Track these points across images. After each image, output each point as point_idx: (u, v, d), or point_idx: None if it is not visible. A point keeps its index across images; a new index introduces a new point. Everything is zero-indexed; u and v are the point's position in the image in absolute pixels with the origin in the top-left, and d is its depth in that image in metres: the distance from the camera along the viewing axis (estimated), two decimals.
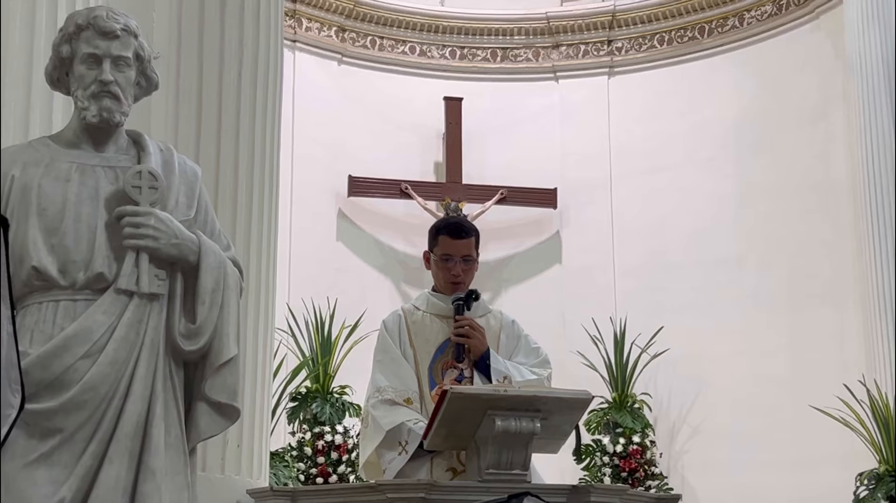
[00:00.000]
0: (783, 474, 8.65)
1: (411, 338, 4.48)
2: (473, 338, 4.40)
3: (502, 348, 4.54)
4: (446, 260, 4.52)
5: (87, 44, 3.15)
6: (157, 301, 3.08)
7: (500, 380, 4.30)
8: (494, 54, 10.52)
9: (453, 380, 4.37)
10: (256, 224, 4.35)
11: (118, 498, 2.95)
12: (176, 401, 3.10)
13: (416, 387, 4.39)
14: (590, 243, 9.96)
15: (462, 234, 4.55)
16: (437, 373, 4.43)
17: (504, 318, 4.66)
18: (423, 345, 4.47)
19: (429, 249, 4.61)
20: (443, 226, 4.66)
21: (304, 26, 9.97)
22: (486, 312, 4.64)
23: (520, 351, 4.58)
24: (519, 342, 4.61)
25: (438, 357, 4.47)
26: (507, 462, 3.87)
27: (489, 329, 4.53)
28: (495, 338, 4.54)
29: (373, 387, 4.41)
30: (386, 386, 4.36)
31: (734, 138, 9.68)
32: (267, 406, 4.44)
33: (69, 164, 3.15)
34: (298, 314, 8.33)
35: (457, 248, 4.52)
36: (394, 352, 4.46)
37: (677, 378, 9.31)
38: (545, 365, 4.58)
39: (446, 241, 4.53)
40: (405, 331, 4.50)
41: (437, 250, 4.56)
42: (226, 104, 4.28)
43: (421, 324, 4.51)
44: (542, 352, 4.62)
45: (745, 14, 9.80)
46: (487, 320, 4.59)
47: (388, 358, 4.46)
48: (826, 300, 8.86)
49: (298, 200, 9.48)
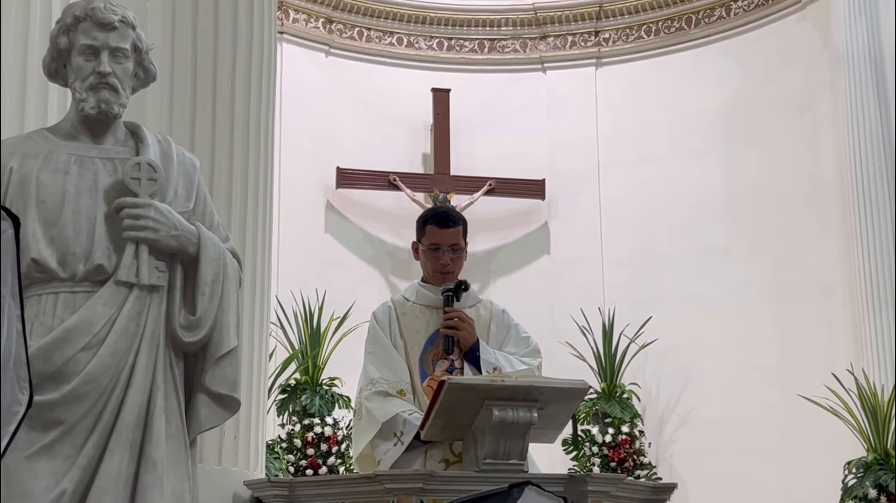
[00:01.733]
0: (772, 463, 8.69)
1: (402, 329, 4.48)
2: (463, 330, 4.40)
3: (492, 338, 4.54)
4: (435, 249, 4.52)
5: (85, 35, 3.14)
6: (157, 292, 3.08)
7: (489, 371, 4.30)
8: (482, 45, 10.51)
9: (444, 371, 4.37)
10: (252, 215, 4.34)
11: (119, 489, 2.96)
12: (176, 393, 3.10)
13: (409, 378, 4.39)
14: (578, 234, 9.98)
15: (450, 223, 4.55)
16: (428, 365, 4.43)
17: (494, 308, 4.67)
18: (414, 336, 4.47)
19: (417, 240, 4.61)
20: (430, 215, 4.65)
21: (292, 18, 9.94)
22: (475, 302, 4.64)
23: (510, 340, 4.58)
24: (509, 331, 4.61)
25: (429, 348, 4.46)
26: (504, 452, 3.88)
27: (479, 319, 4.53)
28: (485, 328, 4.54)
29: (365, 378, 4.41)
30: (379, 377, 4.36)
31: (722, 129, 9.70)
32: (263, 397, 4.44)
33: (68, 155, 3.14)
34: (287, 306, 8.31)
35: (445, 237, 4.52)
36: (385, 343, 4.45)
37: (666, 368, 9.35)
38: (535, 354, 4.58)
39: (434, 230, 4.53)
40: (395, 322, 4.49)
41: (424, 240, 4.56)
42: (220, 95, 4.27)
43: (411, 315, 4.51)
44: (532, 342, 4.63)
45: (731, 5, 9.82)
46: (477, 310, 4.59)
47: (380, 349, 4.45)
48: (814, 289, 8.89)
49: (286, 192, 9.44)
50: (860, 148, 8.39)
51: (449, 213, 4.71)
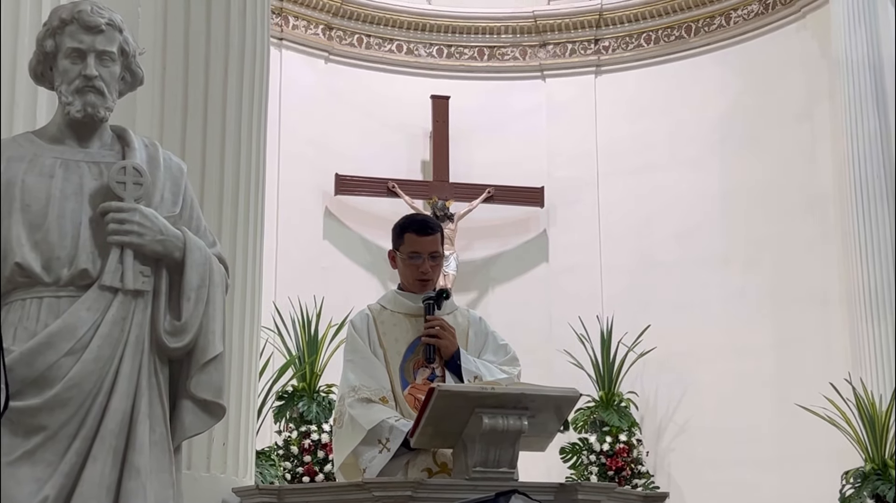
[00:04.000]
0: (769, 472, 8.66)
1: (381, 337, 4.43)
2: (444, 339, 4.36)
3: (471, 346, 4.51)
4: (413, 258, 4.49)
5: (72, 38, 3.12)
6: (141, 298, 3.05)
7: (471, 380, 4.27)
8: (482, 53, 10.51)
9: (425, 380, 4.34)
10: (242, 221, 4.32)
11: (102, 496, 2.92)
12: (161, 399, 3.07)
13: (390, 386, 4.36)
14: (576, 242, 9.97)
15: (429, 230, 4.51)
16: (409, 373, 4.39)
17: (471, 316, 4.63)
18: (393, 344, 4.43)
19: (394, 248, 4.58)
20: (408, 223, 4.61)
21: (291, 24, 9.95)
22: (453, 310, 4.60)
23: (488, 348, 4.55)
24: (487, 339, 4.57)
25: (409, 356, 4.42)
26: (494, 460, 3.84)
27: (457, 327, 4.49)
28: (464, 336, 4.50)
29: (346, 386, 4.36)
30: (360, 384, 4.31)
31: (720, 137, 9.70)
32: (253, 404, 4.41)
33: (53, 159, 3.11)
34: (285, 312, 8.30)
35: (424, 245, 4.49)
36: (364, 351, 4.41)
37: (664, 376, 9.33)
38: (514, 362, 4.55)
39: (413, 238, 4.49)
40: (374, 330, 4.45)
41: (403, 248, 4.52)
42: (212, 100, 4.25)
43: (389, 323, 4.47)
44: (510, 349, 4.59)
45: (731, 13, 9.83)
46: (455, 318, 4.55)
47: (360, 357, 4.41)
48: (812, 298, 8.87)
49: (285, 199, 9.46)
50: (859, 157, 8.39)
51: (427, 221, 4.67)
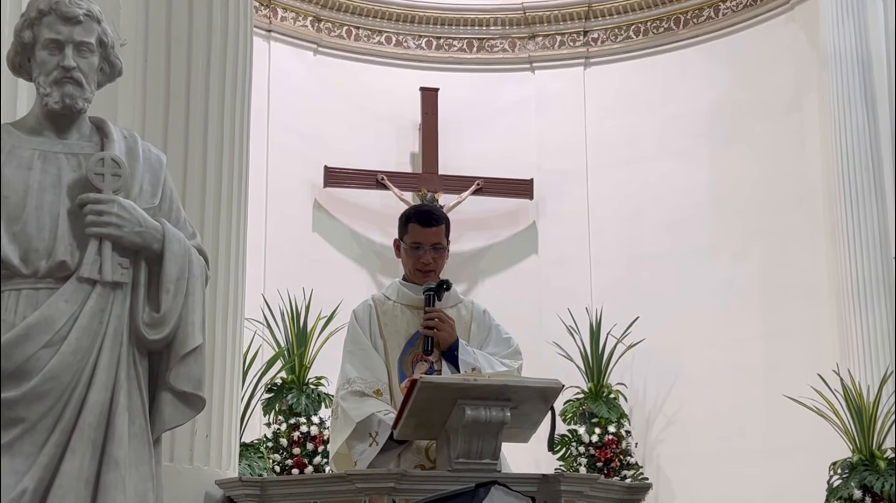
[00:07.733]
0: (757, 463, 8.68)
1: (381, 328, 4.44)
2: (442, 331, 4.36)
3: (473, 338, 4.50)
4: (416, 248, 4.49)
5: (49, 29, 3.11)
6: (120, 289, 3.05)
7: (468, 371, 4.27)
8: (471, 45, 10.49)
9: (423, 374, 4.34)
10: (225, 212, 4.30)
11: (81, 488, 2.92)
12: (140, 391, 3.06)
13: (387, 378, 4.36)
14: (566, 234, 9.97)
15: (432, 221, 4.51)
16: (408, 366, 4.39)
17: (475, 308, 4.62)
18: (394, 336, 4.43)
19: (399, 237, 4.58)
20: (413, 213, 4.62)
21: (280, 16, 9.92)
22: (457, 302, 4.60)
23: (490, 341, 4.54)
24: (490, 332, 4.57)
25: (409, 349, 4.42)
26: (477, 451, 3.85)
27: (460, 319, 4.49)
28: (466, 329, 4.50)
29: (342, 378, 4.38)
30: (356, 377, 4.32)
31: (709, 129, 9.70)
32: (237, 396, 4.40)
33: (31, 150, 3.10)
34: (274, 305, 8.29)
35: (427, 236, 4.48)
36: (364, 343, 4.42)
37: (653, 368, 9.33)
38: (516, 355, 4.54)
39: (416, 229, 4.49)
40: (376, 321, 4.45)
41: (406, 238, 4.52)
42: (194, 91, 4.23)
43: (391, 314, 4.47)
44: (513, 343, 4.58)
45: (720, 5, 9.82)
46: (458, 310, 4.55)
47: (359, 348, 4.42)
48: (800, 290, 8.88)
49: (274, 191, 9.44)
50: (847, 148, 8.39)
51: (431, 212, 4.67)
